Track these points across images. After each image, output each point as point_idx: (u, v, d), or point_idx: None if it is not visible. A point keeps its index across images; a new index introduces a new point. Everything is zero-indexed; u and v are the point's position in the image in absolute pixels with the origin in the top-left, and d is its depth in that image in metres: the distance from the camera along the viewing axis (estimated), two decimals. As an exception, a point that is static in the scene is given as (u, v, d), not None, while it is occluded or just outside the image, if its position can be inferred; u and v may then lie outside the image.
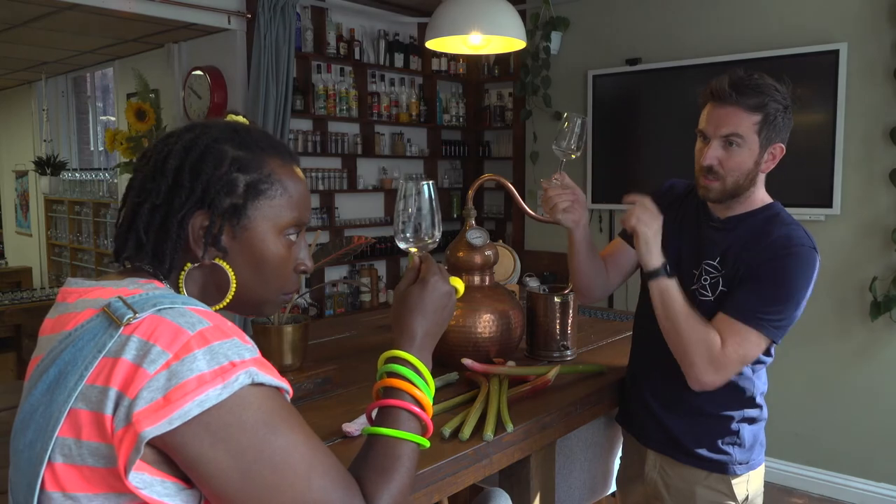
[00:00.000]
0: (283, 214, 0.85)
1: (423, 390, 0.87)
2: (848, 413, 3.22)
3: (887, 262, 3.08)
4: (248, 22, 3.75)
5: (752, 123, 1.40)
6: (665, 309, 1.44)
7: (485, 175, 1.96)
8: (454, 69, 4.95)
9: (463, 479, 1.29)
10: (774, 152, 1.45)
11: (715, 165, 1.42)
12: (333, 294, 4.40)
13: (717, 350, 1.38)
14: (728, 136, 1.40)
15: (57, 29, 4.06)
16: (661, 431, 1.59)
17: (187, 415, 0.66)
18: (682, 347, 1.42)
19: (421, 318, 0.92)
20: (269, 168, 0.84)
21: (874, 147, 3.09)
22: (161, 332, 0.69)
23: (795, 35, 3.26)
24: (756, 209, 1.49)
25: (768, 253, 1.40)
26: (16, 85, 6.53)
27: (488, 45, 2.61)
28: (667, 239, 1.51)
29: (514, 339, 1.80)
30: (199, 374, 0.67)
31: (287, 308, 1.63)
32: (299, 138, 4.09)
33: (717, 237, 1.50)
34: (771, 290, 1.38)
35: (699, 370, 1.40)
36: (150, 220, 0.80)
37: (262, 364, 0.72)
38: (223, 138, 0.83)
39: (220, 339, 0.70)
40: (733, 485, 1.53)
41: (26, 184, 6.77)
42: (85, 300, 0.77)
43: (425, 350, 0.91)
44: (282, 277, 0.87)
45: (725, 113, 1.40)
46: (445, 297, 0.94)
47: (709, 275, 1.49)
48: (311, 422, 1.42)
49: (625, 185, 3.94)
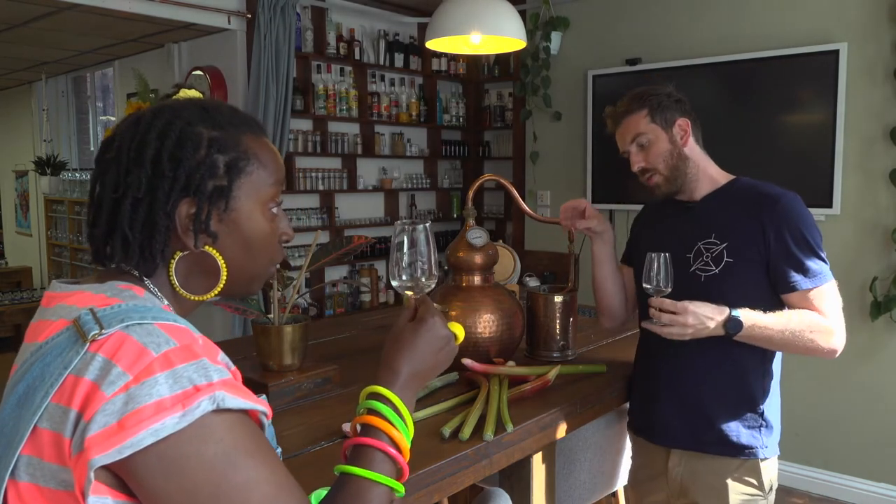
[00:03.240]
0: (265, 189, 0.83)
1: (402, 431, 0.83)
2: (848, 413, 3.22)
3: (887, 262, 3.08)
4: (248, 22, 3.75)
5: (643, 118, 1.59)
6: (768, 341, 1.50)
7: (485, 175, 1.96)
8: (454, 69, 4.95)
9: (463, 479, 1.29)
10: (683, 126, 1.60)
11: (644, 164, 1.60)
12: (333, 294, 4.40)
13: (826, 324, 1.49)
14: (633, 139, 1.61)
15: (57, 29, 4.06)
16: (686, 429, 1.60)
17: (140, 444, 0.62)
18: (803, 348, 1.50)
19: (410, 356, 0.87)
20: (244, 144, 0.82)
21: (874, 147, 3.09)
22: (124, 351, 0.65)
23: (795, 35, 3.26)
24: (724, 184, 1.62)
25: (773, 220, 1.50)
26: (16, 85, 6.53)
27: (488, 45, 2.61)
28: (658, 239, 1.62)
29: (514, 339, 1.79)
30: (159, 399, 0.63)
31: (287, 308, 1.63)
32: (299, 138, 4.09)
33: (701, 217, 1.59)
34: (805, 245, 1.50)
35: (828, 350, 1.50)
36: (135, 216, 0.77)
37: (232, 386, 0.68)
38: (196, 120, 0.80)
39: (185, 362, 0.66)
40: (762, 470, 1.57)
41: (26, 184, 6.77)
42: (62, 306, 0.74)
43: (409, 390, 0.87)
44: (270, 251, 0.85)
45: (624, 125, 1.62)
46: (442, 340, 0.90)
47: (709, 251, 1.56)
48: (311, 422, 1.43)
49: (625, 185, 3.95)
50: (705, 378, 1.56)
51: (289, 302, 1.64)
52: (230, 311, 1.73)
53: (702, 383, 1.57)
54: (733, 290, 1.51)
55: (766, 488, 1.58)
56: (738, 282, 1.52)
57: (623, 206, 3.86)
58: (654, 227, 1.73)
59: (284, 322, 1.59)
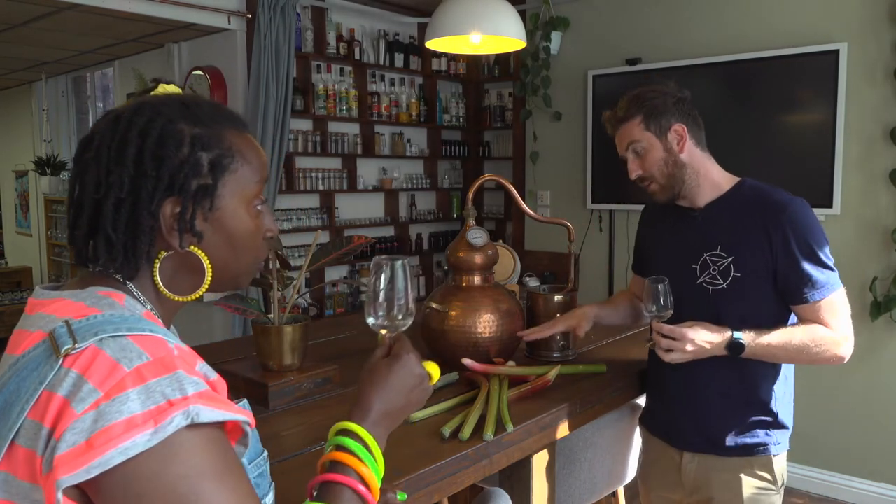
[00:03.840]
0: (249, 186, 0.81)
1: (371, 468, 0.81)
2: (848, 413, 3.22)
3: (887, 262, 3.08)
4: (248, 22, 3.75)
5: (638, 125, 1.56)
6: (773, 357, 1.52)
7: (485, 175, 1.96)
8: (454, 69, 4.95)
9: (463, 479, 1.29)
10: (678, 132, 1.56)
11: (640, 172, 1.59)
12: (333, 294, 4.40)
13: (830, 336, 1.48)
14: (629, 146, 1.58)
15: (57, 29, 4.06)
16: (700, 434, 1.60)
17: (108, 463, 0.60)
18: (808, 360, 1.51)
19: (383, 393, 0.87)
20: (228, 141, 0.80)
21: (874, 147, 3.09)
22: (96, 367, 0.64)
23: (795, 35, 3.26)
24: (729, 190, 1.58)
25: (779, 230, 1.48)
26: (16, 85, 6.52)
27: (488, 45, 2.61)
28: (662, 242, 1.63)
29: (514, 339, 1.79)
30: (130, 416, 0.61)
31: (287, 308, 1.63)
32: (299, 138, 4.09)
33: (707, 227, 1.57)
34: (812, 256, 1.48)
35: (831, 361, 1.51)
36: (118, 216, 0.75)
37: (209, 398, 0.66)
38: (177, 117, 0.77)
39: (158, 376, 0.64)
40: (774, 464, 1.58)
41: (26, 184, 6.76)
42: (41, 315, 0.73)
43: (381, 427, 0.86)
44: (255, 249, 0.84)
45: (619, 133, 1.60)
46: (416, 378, 0.89)
47: (716, 264, 1.54)
48: (311, 422, 1.43)
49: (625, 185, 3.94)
50: (716, 383, 1.57)
51: (289, 302, 1.64)
52: (230, 311, 1.73)
53: (712, 388, 1.57)
54: (742, 305, 1.51)
55: (779, 482, 1.59)
56: (746, 297, 1.51)
57: (623, 207, 3.86)
58: (655, 226, 1.74)
59: (284, 322, 1.59)
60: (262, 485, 0.80)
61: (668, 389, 1.66)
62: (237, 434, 0.73)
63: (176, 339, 0.74)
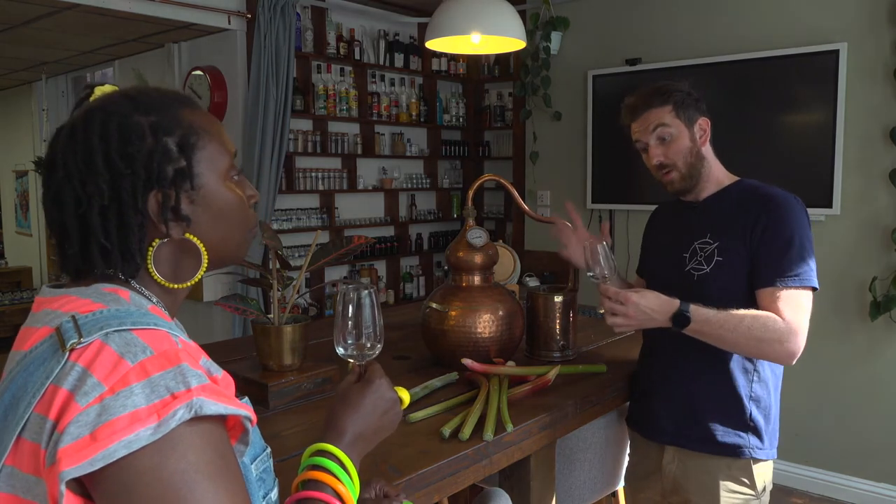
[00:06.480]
0: (221, 159, 0.82)
1: (348, 487, 0.81)
2: (848, 413, 3.22)
3: (887, 262, 3.08)
4: (248, 22, 3.75)
5: (669, 111, 1.58)
6: (719, 340, 1.46)
7: (485, 175, 1.96)
8: (454, 69, 4.95)
9: (463, 479, 1.29)
10: (703, 126, 1.60)
11: (663, 160, 1.59)
12: (333, 294, 4.39)
13: (781, 326, 1.43)
14: (656, 129, 1.58)
15: (57, 29, 4.06)
16: (673, 425, 1.61)
17: (112, 456, 0.60)
18: (753, 347, 1.45)
19: (356, 416, 0.88)
20: (186, 120, 0.79)
21: (874, 147, 3.09)
22: (101, 361, 0.64)
23: (795, 35, 3.26)
24: (729, 185, 1.62)
25: (762, 217, 1.50)
26: (16, 85, 6.52)
27: (488, 45, 2.61)
28: (661, 235, 1.68)
29: (514, 339, 1.80)
30: (134, 410, 0.62)
31: (287, 308, 1.63)
32: (299, 138, 4.09)
33: (701, 218, 1.60)
34: (785, 247, 1.47)
35: (779, 353, 1.45)
36: (107, 223, 0.75)
37: (212, 391, 0.66)
38: (129, 111, 0.77)
39: (162, 370, 0.65)
40: (754, 471, 1.56)
41: (26, 184, 6.76)
42: (47, 311, 0.74)
43: (355, 450, 0.87)
44: (244, 219, 0.85)
45: (646, 117, 1.59)
46: (388, 402, 0.91)
47: (703, 251, 1.57)
48: (311, 422, 1.43)
49: (625, 185, 3.95)
50: (695, 377, 1.58)
51: (289, 302, 1.64)
52: (230, 311, 1.73)
53: (691, 381, 1.58)
54: (721, 288, 1.52)
55: (759, 489, 1.58)
56: (726, 280, 1.53)
57: (623, 206, 3.87)
58: (657, 226, 1.78)
59: (284, 322, 1.59)
60: (267, 480, 0.81)
61: (651, 377, 1.68)
62: (238, 432, 0.73)
63: (182, 332, 0.75)
